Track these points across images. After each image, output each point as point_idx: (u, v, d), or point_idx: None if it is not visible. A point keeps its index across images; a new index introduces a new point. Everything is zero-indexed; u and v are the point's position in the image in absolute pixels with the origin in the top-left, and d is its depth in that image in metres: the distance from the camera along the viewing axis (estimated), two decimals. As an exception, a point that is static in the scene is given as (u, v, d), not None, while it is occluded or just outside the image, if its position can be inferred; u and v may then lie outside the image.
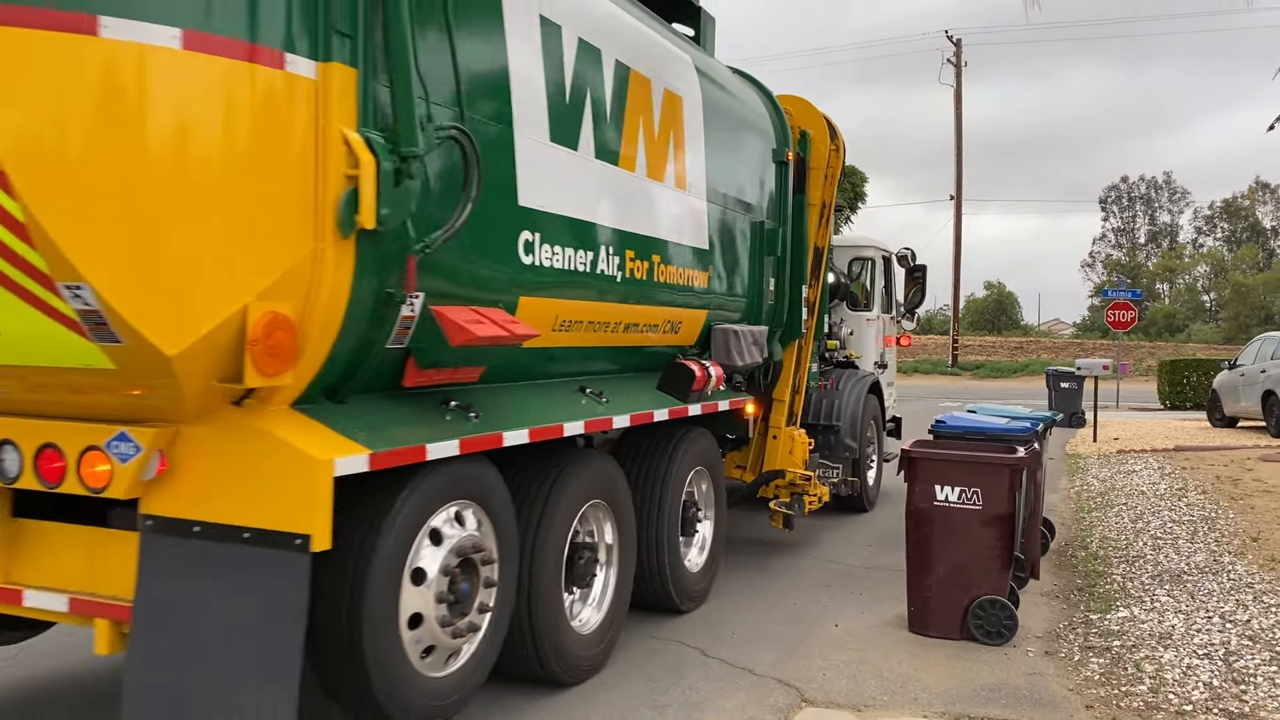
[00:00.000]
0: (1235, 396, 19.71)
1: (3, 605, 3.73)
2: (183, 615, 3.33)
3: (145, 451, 3.36)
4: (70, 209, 2.88)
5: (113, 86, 2.91)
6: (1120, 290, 24.06)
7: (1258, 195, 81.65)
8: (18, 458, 3.55)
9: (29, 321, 3.07)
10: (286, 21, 3.18)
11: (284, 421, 3.43)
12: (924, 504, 6.01)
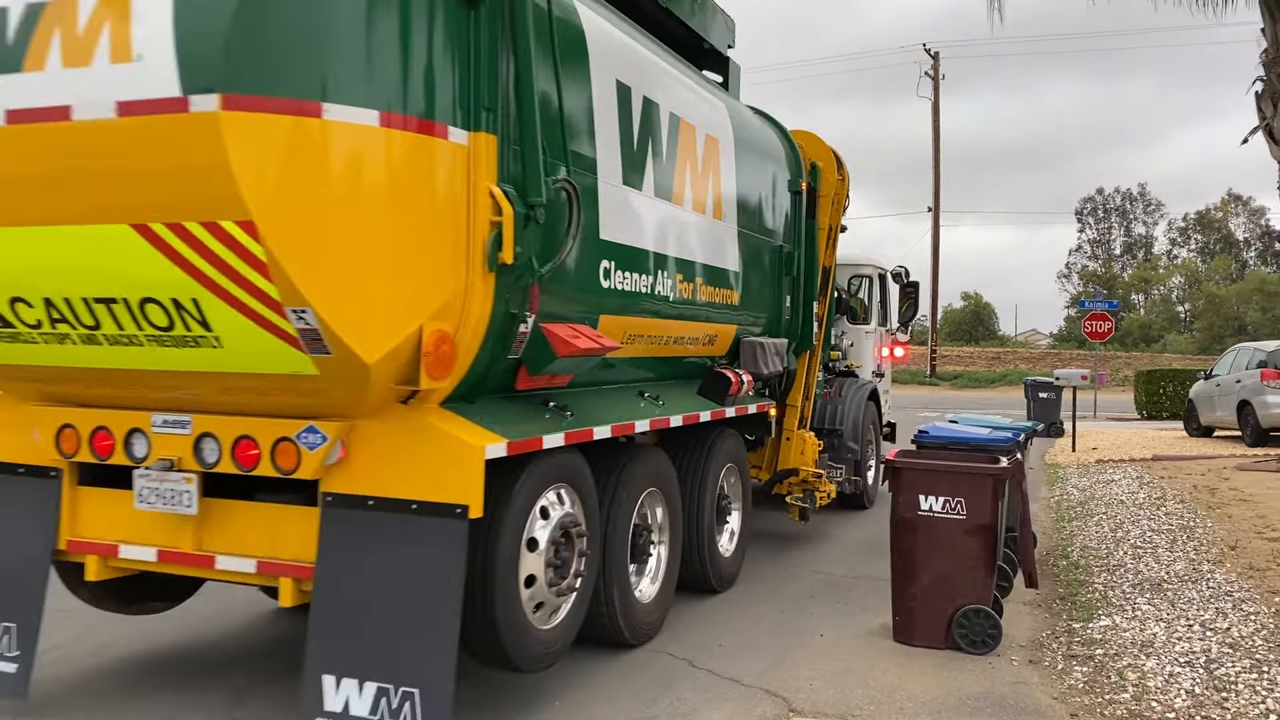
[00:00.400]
0: (1211, 406, 19.91)
1: (198, 569, 4.56)
2: (359, 572, 4.14)
3: (330, 441, 4.20)
4: (302, 251, 3.66)
5: (332, 156, 3.73)
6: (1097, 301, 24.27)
7: (1230, 207, 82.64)
8: (216, 447, 4.37)
9: (253, 338, 3.83)
10: (451, 102, 4.04)
11: (441, 416, 4.28)
12: (908, 513, 6.04)
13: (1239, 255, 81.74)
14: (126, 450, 4.55)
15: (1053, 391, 21.68)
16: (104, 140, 3.66)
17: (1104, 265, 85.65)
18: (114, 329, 4.03)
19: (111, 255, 3.80)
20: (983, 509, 5.90)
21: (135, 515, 4.59)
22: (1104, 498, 11.73)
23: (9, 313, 4.17)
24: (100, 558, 4.74)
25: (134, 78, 3.57)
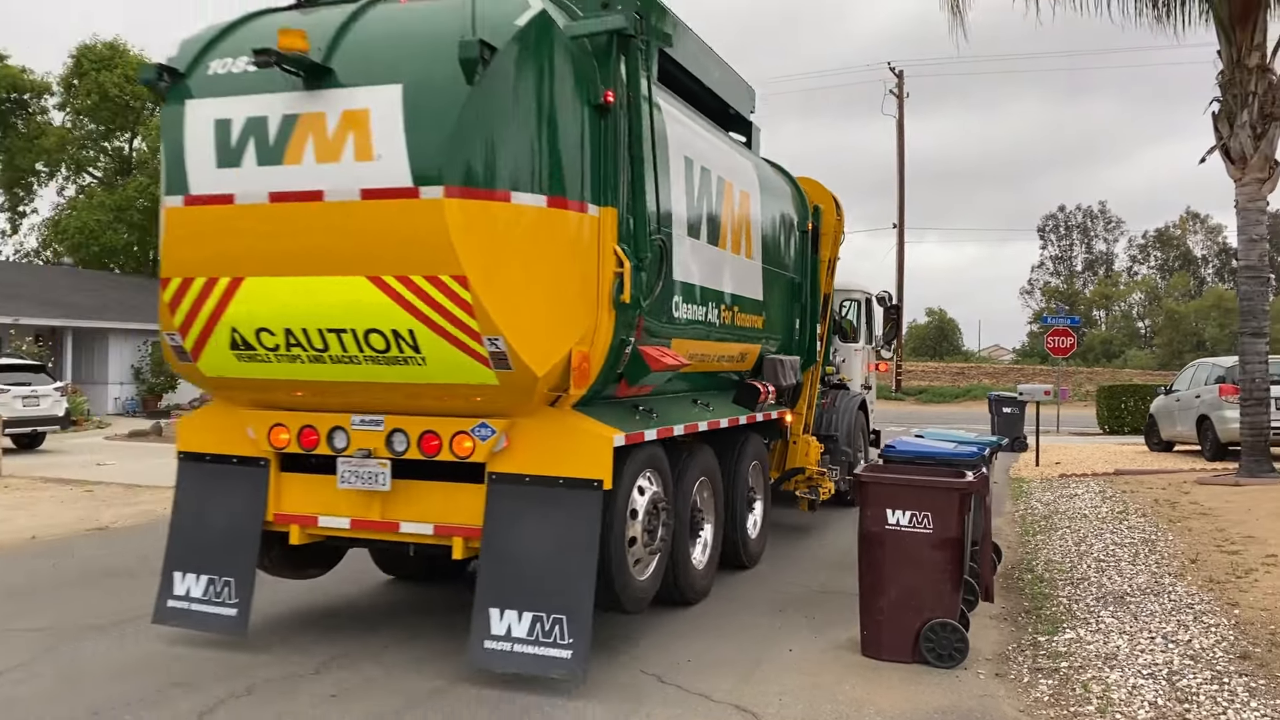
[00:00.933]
0: (1171, 421, 20.17)
1: (383, 534, 5.98)
2: (518, 531, 5.51)
3: (497, 434, 5.63)
4: (497, 295, 5.16)
5: (517, 228, 5.25)
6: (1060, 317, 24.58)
7: (1189, 225, 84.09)
8: (405, 440, 5.80)
9: (452, 358, 5.29)
10: (590, 186, 5.58)
11: (577, 416, 5.71)
12: (876, 528, 6.08)
13: (1197, 272, 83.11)
14: (329, 443, 5.99)
15: (1016, 406, 21.90)
16: (350, 216, 5.24)
17: (1066, 281, 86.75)
18: (339, 351, 5.51)
19: (348, 298, 5.32)
20: (949, 523, 5.95)
21: (331, 493, 6.04)
22: (1068, 512, 11.86)
23: (253, 339, 5.66)
24: (301, 526, 6.14)
25: (375, 172, 5.17)
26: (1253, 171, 14.06)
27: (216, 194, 5.56)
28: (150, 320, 31.76)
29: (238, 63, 5.63)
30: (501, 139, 5.24)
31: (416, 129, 5.11)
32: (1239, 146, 14.12)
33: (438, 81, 5.14)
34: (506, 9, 5.39)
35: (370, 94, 5.25)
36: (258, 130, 5.45)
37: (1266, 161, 14.09)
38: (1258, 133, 14.02)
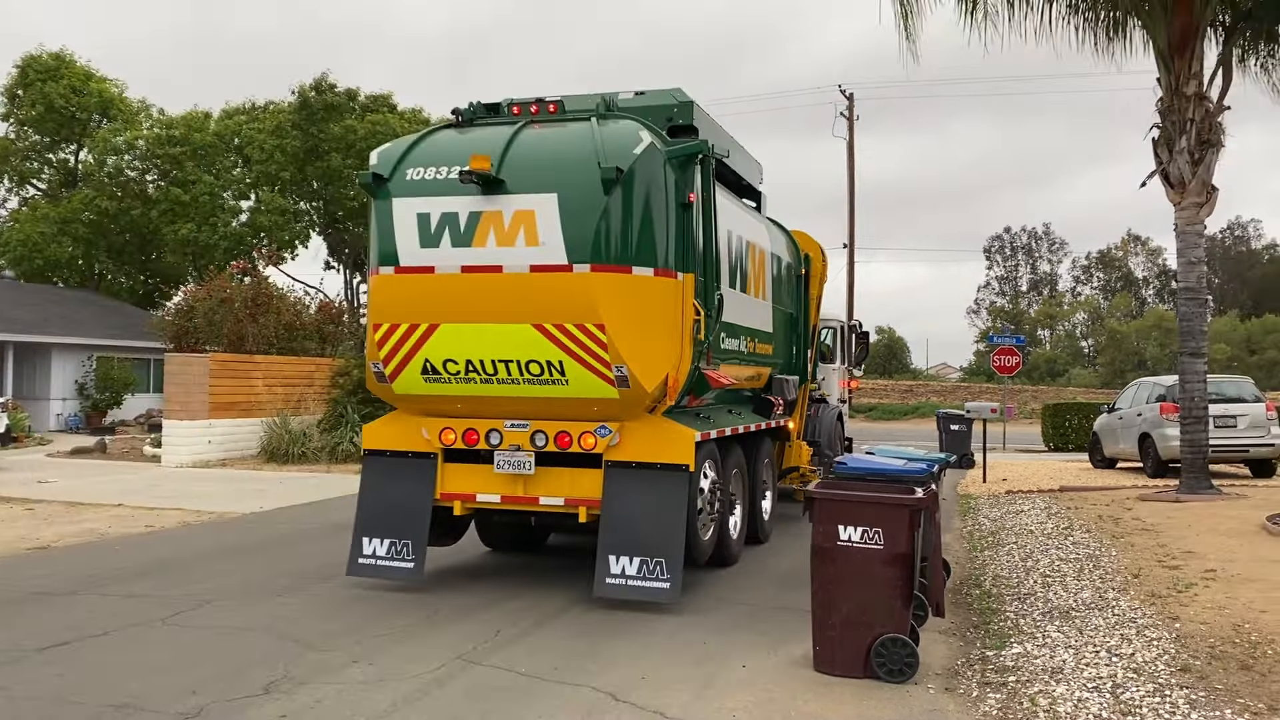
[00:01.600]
0: (1114, 439, 20.55)
1: (526, 506, 8.25)
2: (627, 501, 7.73)
3: (613, 433, 7.84)
4: (622, 337, 7.41)
5: (635, 291, 7.54)
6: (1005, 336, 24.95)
7: (1130, 247, 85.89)
8: (545, 437, 8.01)
9: (588, 379, 7.55)
10: (678, 259, 7.86)
11: (668, 420, 7.97)
12: (827, 544, 6.13)
13: (1139, 293, 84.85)
14: (486, 440, 8.22)
15: (964, 424, 22.18)
16: (521, 283, 7.58)
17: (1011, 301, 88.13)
18: (504, 375, 7.81)
19: (516, 338, 7.66)
20: (899, 539, 6.01)
21: (486, 477, 8.27)
22: (1014, 528, 12.03)
23: (440, 367, 7.95)
24: (463, 502, 8.41)
25: (540, 254, 7.54)
26: (1191, 196, 14.40)
27: (420, 265, 7.91)
28: (94, 335, 31.17)
29: (427, 171, 8.02)
30: (626, 230, 7.69)
31: (569, 225, 7.58)
32: (1178, 172, 14.45)
33: (583, 192, 7.58)
34: (627, 140, 7.83)
35: (534, 199, 7.65)
36: (451, 222, 7.83)
37: (1204, 186, 14.43)
38: (1195, 158, 14.37)
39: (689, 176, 8.17)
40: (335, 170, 36.77)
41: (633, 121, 8.21)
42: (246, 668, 6.17)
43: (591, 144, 7.76)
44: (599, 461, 7.97)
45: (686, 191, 8.07)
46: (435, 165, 8.01)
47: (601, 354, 7.55)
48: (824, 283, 13.48)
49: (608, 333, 7.50)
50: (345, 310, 29.22)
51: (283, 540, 11.17)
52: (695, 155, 8.20)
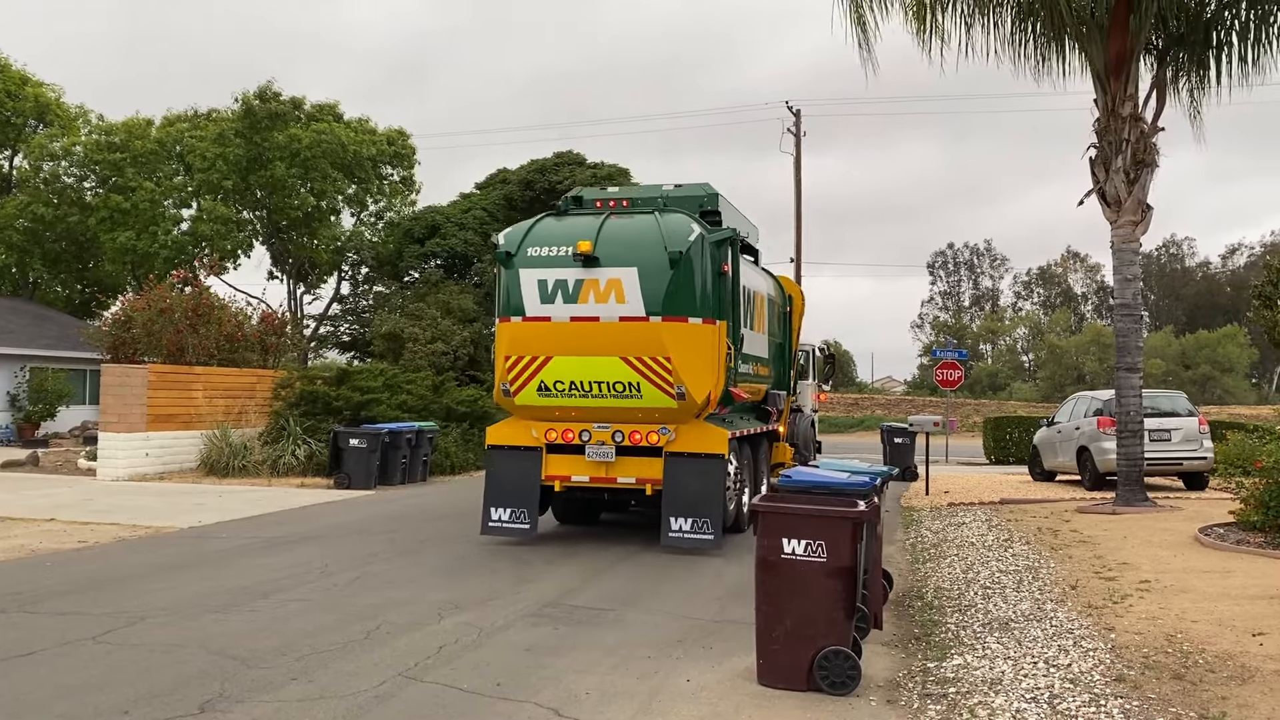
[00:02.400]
0: (1053, 452, 20.89)
1: (608, 484, 11.55)
2: (682, 480, 11.12)
3: (670, 432, 11.26)
4: (683, 367, 11.01)
5: (690, 334, 11.11)
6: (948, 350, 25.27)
7: (1069, 264, 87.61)
8: (622, 435, 11.40)
9: (657, 394, 11.07)
10: (716, 311, 11.29)
11: (709, 424, 11.44)
12: (772, 557, 6.15)
13: (1078, 309, 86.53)
14: (580, 438, 11.47)
15: (907, 437, 22.44)
16: (612, 329, 11.08)
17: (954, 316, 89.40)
18: (597, 391, 11.18)
19: (607, 365, 11.10)
20: (843, 551, 6.05)
21: (578, 463, 11.52)
22: (956, 540, 12.18)
23: (551, 386, 11.26)
24: (561, 481, 11.64)
25: (626, 309, 11.06)
26: (1127, 214, 14.74)
27: (540, 317, 11.43)
28: (27, 345, 30.40)
29: (543, 250, 11.49)
30: (683, 293, 11.14)
31: (646, 289, 11.10)
32: (1114, 191, 14.79)
33: (655, 267, 11.11)
34: (682, 230, 11.29)
35: (621, 271, 11.18)
36: (563, 286, 11.36)
37: (1139, 205, 14.78)
38: (1131, 178, 14.71)
39: (723, 252, 11.65)
40: (279, 179, 36.34)
41: (684, 215, 11.71)
42: (181, 686, 6.03)
43: (658, 232, 11.32)
44: (659, 453, 11.41)
45: (722, 264, 11.59)
46: (547, 245, 11.54)
47: (667, 377, 11.09)
48: (803, 316, 17.07)
49: (672, 363, 11.06)
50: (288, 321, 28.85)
51: (221, 555, 10.97)
52: (728, 239, 11.80)
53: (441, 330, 31.53)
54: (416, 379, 24.23)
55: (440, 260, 36.74)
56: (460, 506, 15.81)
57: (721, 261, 11.53)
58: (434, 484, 19.83)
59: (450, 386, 25.06)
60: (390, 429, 18.94)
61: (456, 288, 34.69)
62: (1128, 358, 14.73)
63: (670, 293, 11.03)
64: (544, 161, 36.92)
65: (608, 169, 35.60)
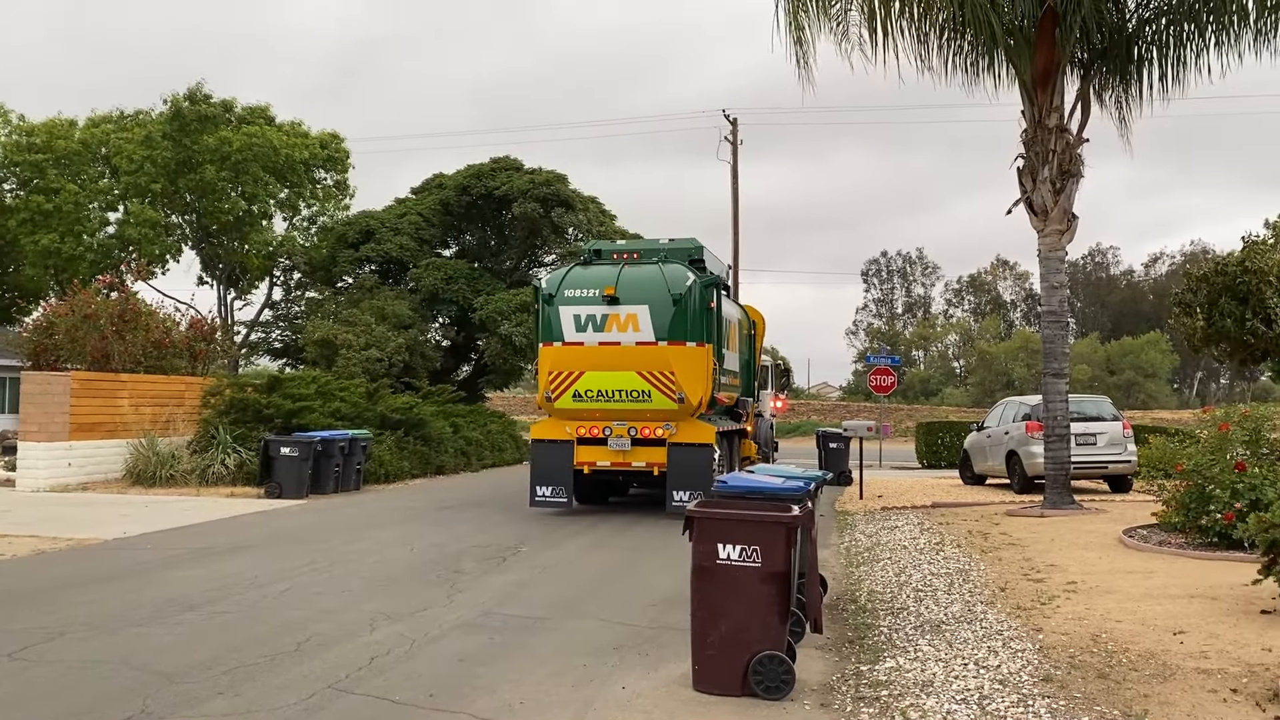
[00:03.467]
0: (983, 456, 21.25)
1: (625, 467, 15.41)
2: (679, 462, 14.95)
3: (672, 427, 15.03)
4: (683, 379, 14.90)
5: (688, 354, 15.06)
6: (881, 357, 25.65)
7: (999, 271, 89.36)
8: (635, 430, 15.12)
9: (664, 399, 14.91)
10: (706, 338, 15.19)
11: (701, 422, 15.27)
12: (707, 563, 6.15)
13: (1007, 315, 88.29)
14: (603, 433, 15.20)
15: (841, 442, 22.68)
16: (630, 351, 15.08)
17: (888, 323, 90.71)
18: (619, 397, 15.05)
19: (626, 378, 15.01)
20: (777, 556, 6.08)
21: (603, 452, 15.28)
22: (889, 543, 12.32)
23: (583, 394, 15.13)
24: (588, 465, 15.40)
25: (640, 336, 15.07)
26: (1053, 224, 15.07)
27: (576, 342, 15.16)
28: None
29: (577, 291, 15.24)
30: (682, 324, 14.87)
31: (656, 321, 14.92)
32: (1041, 200, 15.11)
33: (662, 305, 14.91)
34: (681, 277, 15.01)
35: (636, 308, 14.97)
36: (593, 319, 15.12)
37: (1065, 214, 15.12)
38: (1057, 188, 15.05)
39: (709, 293, 15.34)
40: (209, 183, 35.64)
41: (680, 266, 15.44)
42: (101, 704, 5.86)
43: (663, 279, 15.10)
44: (664, 444, 14.99)
45: (709, 302, 15.28)
46: (580, 288, 15.33)
47: (671, 387, 14.77)
48: (764, 338, 21.20)
49: (676, 377, 14.78)
50: (218, 327, 28.28)
51: (146, 567, 10.70)
52: (713, 283, 15.56)
53: (376, 336, 31.15)
54: (350, 386, 23.94)
55: (375, 265, 36.30)
56: (394, 515, 15.62)
57: (709, 300, 15.33)
58: (368, 493, 19.58)
59: (385, 394, 24.79)
60: (323, 437, 18.67)
61: (391, 293, 34.30)
62: (1055, 363, 15.05)
63: (673, 324, 14.95)
64: (481, 167, 36.71)
65: (545, 175, 35.51)
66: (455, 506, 17.07)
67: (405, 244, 35.37)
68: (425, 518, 15.40)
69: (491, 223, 37.59)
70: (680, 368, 14.77)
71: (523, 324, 31.12)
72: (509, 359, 33.53)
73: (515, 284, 35.08)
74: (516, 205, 34.40)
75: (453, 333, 35.80)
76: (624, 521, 15.19)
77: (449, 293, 34.11)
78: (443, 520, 15.03)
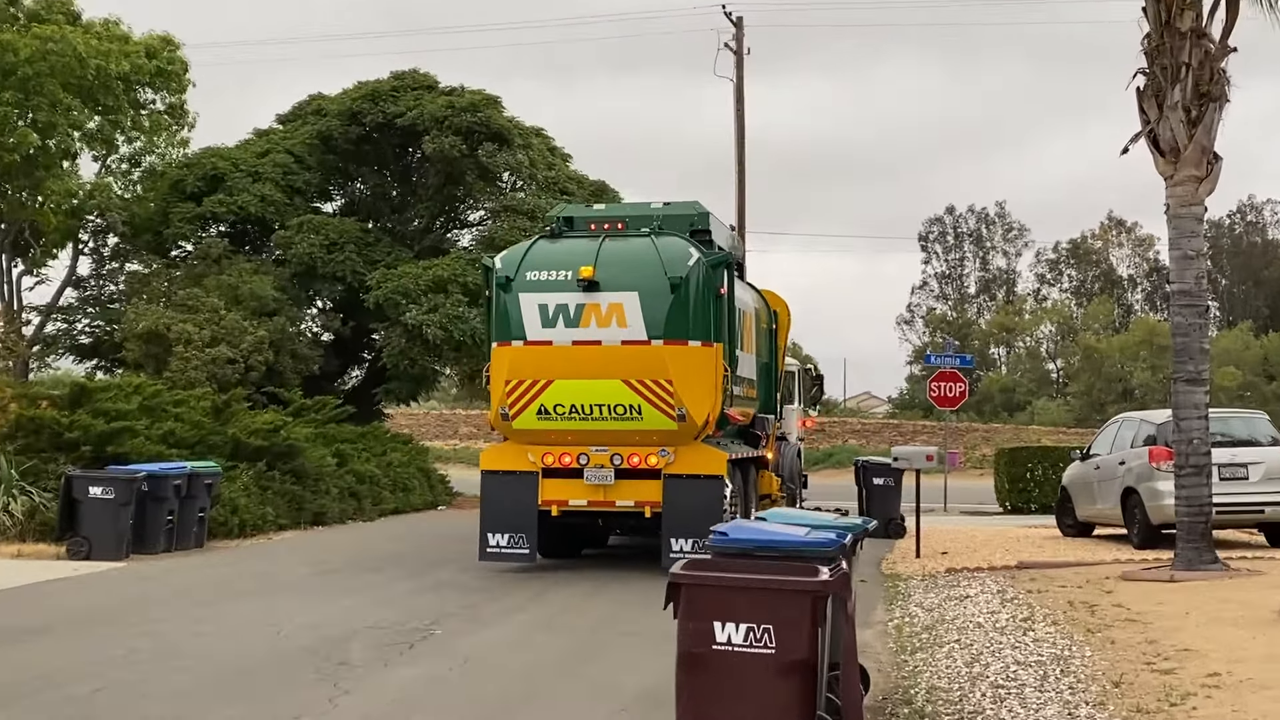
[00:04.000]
0: (1090, 496, 21.29)
1: (605, 508, 16.42)
2: (679, 500, 15.78)
3: (669, 453, 15.96)
4: (683, 390, 15.73)
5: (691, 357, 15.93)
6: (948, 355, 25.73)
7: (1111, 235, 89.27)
8: (620, 458, 16.01)
9: (657, 415, 15.78)
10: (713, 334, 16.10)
11: (707, 446, 16.25)
12: (699, 648, 6.15)
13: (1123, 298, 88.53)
14: (578, 462, 16.02)
15: (890, 476, 22.67)
16: (614, 352, 15.93)
17: (955, 308, 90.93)
18: (597, 414, 15.89)
19: (609, 389, 15.88)
20: (798, 639, 6.07)
21: (576, 487, 16.11)
22: (957, 620, 12.35)
23: (551, 409, 15.93)
24: (558, 506, 16.12)
25: (628, 333, 15.87)
26: (1186, 167, 15.05)
27: (541, 341, 15.93)
28: None
29: (541, 274, 15.98)
30: (684, 317, 15.66)
31: (647, 313, 15.64)
32: (1169, 134, 15.09)
33: (656, 291, 15.62)
34: (681, 254, 15.81)
35: (622, 295, 15.69)
36: (564, 310, 15.83)
37: (1203, 154, 15.08)
38: (1192, 117, 15.00)
39: (719, 275, 16.05)
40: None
41: (680, 239, 16.29)
42: None
43: (656, 256, 15.72)
44: (658, 475, 15.71)
45: (718, 287, 15.99)
46: (546, 269, 15.98)
47: (669, 400, 15.45)
48: (789, 333, 22.36)
49: (674, 386, 15.45)
50: (0, 314, 28.00)
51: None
52: (723, 262, 16.26)
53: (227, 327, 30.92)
54: (190, 399, 23.79)
55: (226, 226, 36.08)
56: (253, 583, 15.55)
57: (718, 284, 16.01)
58: (216, 550, 19.48)
59: (240, 409, 24.65)
60: (150, 472, 18.52)
61: (249, 265, 34.06)
62: (1189, 364, 15.04)
63: (671, 316, 15.60)
64: (377, 85, 36.55)
65: (470, 97, 35.39)
66: (342, 570, 17.02)
67: (269, 195, 35.15)
68: (298, 586, 15.36)
69: (393, 165, 37.48)
70: (681, 374, 15.53)
71: (439, 309, 31.04)
72: (419, 360, 33.35)
73: (427, 252, 34.96)
74: (429, 140, 34.23)
75: (337, 322, 35.58)
76: (591, 585, 15.20)
77: (332, 265, 33.90)
78: (324, 589, 14.98)
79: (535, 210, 32.69)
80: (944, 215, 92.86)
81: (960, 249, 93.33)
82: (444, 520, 26.91)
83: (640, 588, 14.53)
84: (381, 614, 13.01)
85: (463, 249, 36.04)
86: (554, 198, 32.75)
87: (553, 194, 34.21)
